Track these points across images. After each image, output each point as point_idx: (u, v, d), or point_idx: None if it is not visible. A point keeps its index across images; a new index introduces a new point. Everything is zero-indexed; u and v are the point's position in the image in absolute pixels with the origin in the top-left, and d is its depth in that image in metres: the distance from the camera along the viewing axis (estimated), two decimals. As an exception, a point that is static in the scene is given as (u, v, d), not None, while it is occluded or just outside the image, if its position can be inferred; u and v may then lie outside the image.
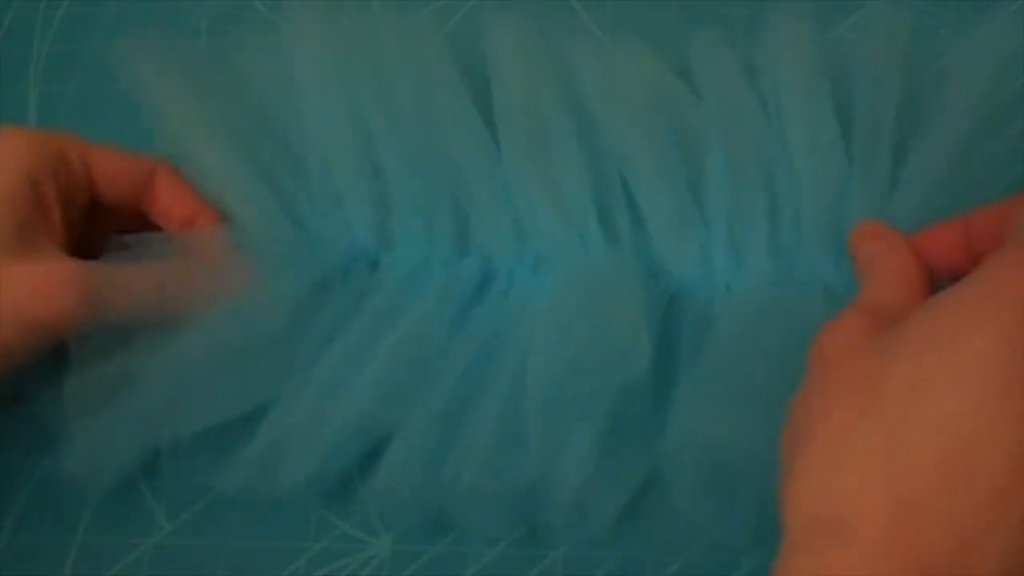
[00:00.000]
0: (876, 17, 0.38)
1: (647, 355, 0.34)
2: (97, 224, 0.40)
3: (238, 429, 0.37)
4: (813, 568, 0.24)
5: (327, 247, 0.40)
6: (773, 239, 0.37)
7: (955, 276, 0.29)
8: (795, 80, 0.38)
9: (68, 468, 0.36)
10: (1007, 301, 0.24)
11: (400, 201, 0.40)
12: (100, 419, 0.36)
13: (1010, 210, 0.28)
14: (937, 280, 0.31)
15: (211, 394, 0.37)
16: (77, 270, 0.35)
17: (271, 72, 0.42)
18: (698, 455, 0.33)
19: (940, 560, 0.23)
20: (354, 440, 0.36)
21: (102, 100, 0.50)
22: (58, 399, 0.36)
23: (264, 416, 0.37)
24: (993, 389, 0.23)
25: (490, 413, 0.35)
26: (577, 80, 0.40)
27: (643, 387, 0.34)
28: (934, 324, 0.25)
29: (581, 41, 0.40)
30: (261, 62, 0.42)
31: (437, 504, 0.34)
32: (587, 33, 0.45)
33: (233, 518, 0.38)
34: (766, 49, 0.39)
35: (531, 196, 0.38)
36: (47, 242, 0.36)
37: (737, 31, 0.41)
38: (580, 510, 0.34)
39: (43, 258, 0.35)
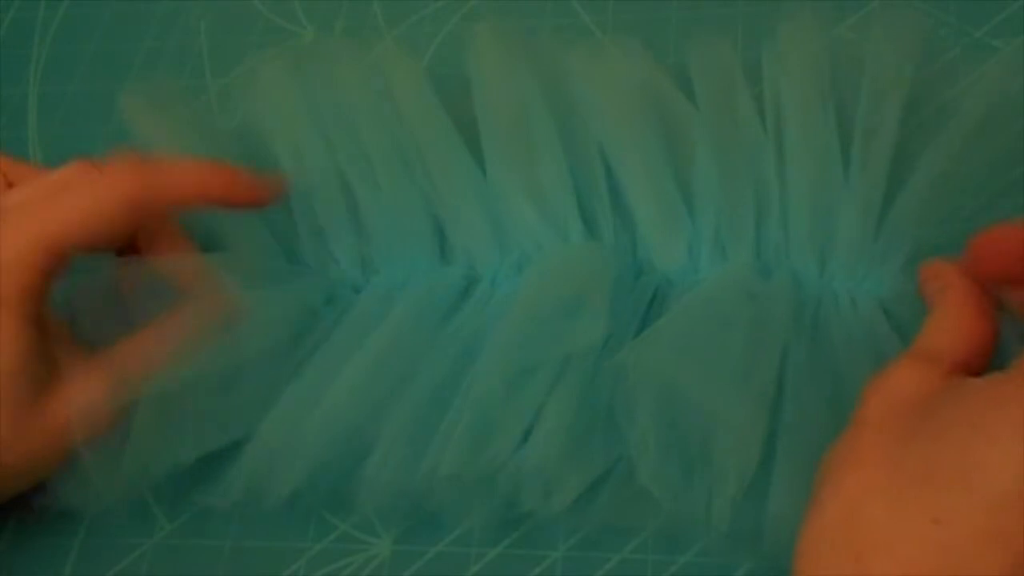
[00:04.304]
0: (887, 24, 0.38)
1: (600, 326, 0.35)
2: None
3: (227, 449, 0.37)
4: None
5: (313, 278, 0.41)
6: (759, 240, 0.37)
7: (1013, 282, 0.30)
8: (796, 82, 0.38)
9: (65, 498, 0.36)
10: None
11: (379, 229, 0.41)
12: (97, 451, 0.36)
13: None
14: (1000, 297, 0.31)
15: (201, 425, 0.37)
16: (96, 378, 0.36)
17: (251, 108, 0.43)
18: (656, 409, 0.33)
19: None
20: (337, 449, 0.36)
21: (102, 100, 0.50)
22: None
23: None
24: (1003, 497, 0.23)
25: (468, 405, 0.35)
26: (564, 79, 0.40)
27: (616, 371, 0.34)
28: (961, 415, 0.25)
29: (570, 41, 0.41)
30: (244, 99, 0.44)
31: (422, 499, 0.35)
32: (578, 33, 0.45)
33: (233, 518, 0.37)
34: (771, 49, 0.39)
35: (514, 195, 0.39)
36: (53, 369, 0.36)
37: (736, 31, 0.41)
38: (544, 486, 0.34)
39: (61, 387, 0.36)
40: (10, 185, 0.38)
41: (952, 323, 0.30)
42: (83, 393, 0.36)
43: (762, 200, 0.37)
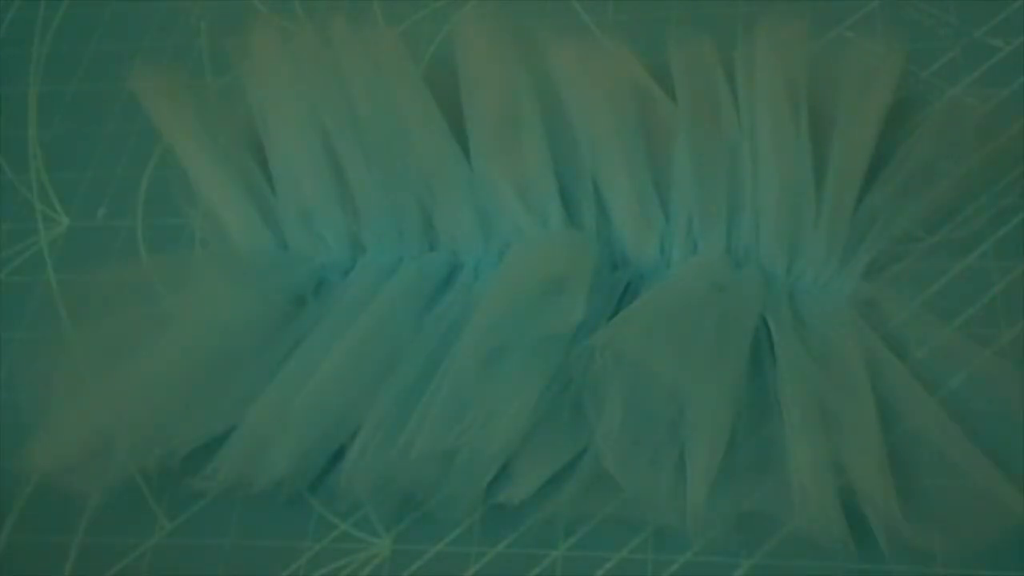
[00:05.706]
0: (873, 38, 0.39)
1: (579, 310, 0.35)
2: None
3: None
4: None
5: (303, 265, 0.41)
6: (730, 239, 0.38)
7: None
8: (767, 84, 0.38)
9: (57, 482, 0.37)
10: None
11: (368, 207, 0.41)
12: (85, 434, 0.36)
13: None
14: None
15: (187, 412, 0.37)
16: None
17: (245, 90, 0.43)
18: (624, 392, 0.33)
19: None
20: (323, 433, 0.36)
21: (102, 100, 0.50)
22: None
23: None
24: None
25: (443, 387, 0.35)
26: (551, 71, 0.41)
27: (585, 356, 0.34)
28: None
29: (559, 34, 0.41)
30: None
31: (399, 479, 0.35)
32: (578, 33, 0.45)
33: (233, 518, 0.38)
34: (748, 52, 0.39)
35: (497, 184, 0.39)
36: None
37: (736, 31, 0.41)
38: (506, 472, 0.35)
39: None
40: None
41: None
42: None
43: (735, 199, 0.38)
